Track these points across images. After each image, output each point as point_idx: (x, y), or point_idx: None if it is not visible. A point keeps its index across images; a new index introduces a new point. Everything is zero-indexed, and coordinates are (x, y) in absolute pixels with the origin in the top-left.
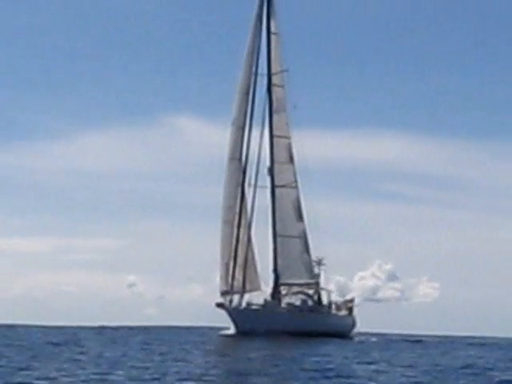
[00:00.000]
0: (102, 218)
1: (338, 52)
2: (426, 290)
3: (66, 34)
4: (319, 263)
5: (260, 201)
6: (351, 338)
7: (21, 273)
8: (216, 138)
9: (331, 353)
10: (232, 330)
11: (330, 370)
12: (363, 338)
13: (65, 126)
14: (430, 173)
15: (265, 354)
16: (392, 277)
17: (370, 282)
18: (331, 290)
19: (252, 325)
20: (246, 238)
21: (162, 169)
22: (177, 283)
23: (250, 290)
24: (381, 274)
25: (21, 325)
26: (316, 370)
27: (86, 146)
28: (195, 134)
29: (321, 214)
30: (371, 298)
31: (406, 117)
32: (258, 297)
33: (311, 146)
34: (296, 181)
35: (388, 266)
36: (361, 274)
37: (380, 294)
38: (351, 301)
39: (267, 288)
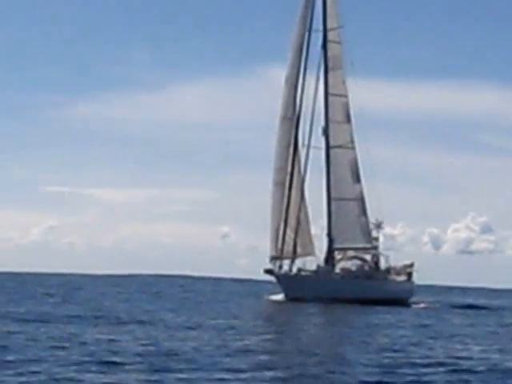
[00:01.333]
0: (195, 169)
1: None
2: None
3: None
4: (378, 226)
5: (314, 162)
6: (409, 305)
7: (114, 224)
8: None
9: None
10: (281, 297)
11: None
12: (422, 305)
13: (158, 78)
14: None
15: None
16: (486, 229)
17: (464, 234)
18: (388, 255)
19: (302, 291)
20: (298, 201)
21: (255, 120)
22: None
23: (303, 255)
24: (475, 226)
25: (118, 274)
26: None
27: (178, 96)
28: None
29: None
30: (464, 250)
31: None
32: (312, 262)
33: (376, 98)
34: (353, 141)
35: (482, 219)
36: (455, 225)
37: (473, 247)
38: (411, 265)
39: (321, 253)
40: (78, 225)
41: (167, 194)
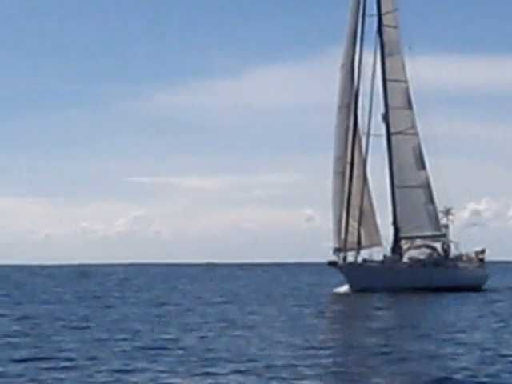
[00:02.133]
0: (274, 153)
1: None
2: None
3: None
4: (447, 213)
5: (377, 150)
6: (483, 291)
7: (198, 212)
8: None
9: None
10: (345, 288)
11: None
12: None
13: (233, 64)
14: None
15: None
16: None
17: None
18: (458, 241)
19: (368, 282)
20: (360, 190)
21: (329, 102)
22: None
23: (370, 246)
24: None
25: (201, 264)
26: None
27: (255, 82)
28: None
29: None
30: None
31: None
32: (379, 253)
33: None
34: (415, 127)
35: None
36: None
37: None
38: (482, 252)
39: (388, 244)
40: (163, 214)
41: (251, 179)
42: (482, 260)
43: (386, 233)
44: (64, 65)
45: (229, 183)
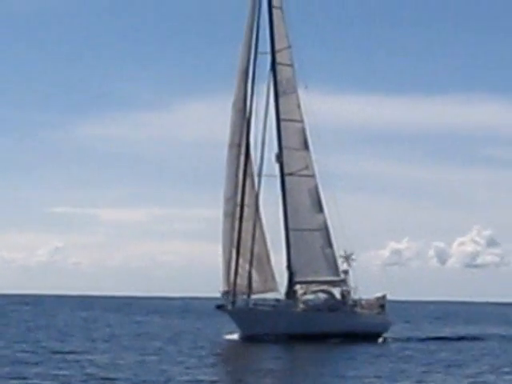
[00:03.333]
0: (200, 187)
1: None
2: None
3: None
4: (347, 258)
5: (271, 191)
6: (383, 341)
7: (121, 243)
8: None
9: None
10: (236, 335)
11: None
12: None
13: (162, 96)
14: None
15: None
16: (491, 242)
17: (470, 248)
18: (357, 287)
19: (259, 328)
20: (251, 233)
21: None
22: None
23: (264, 291)
24: (480, 239)
25: (124, 296)
26: None
27: (184, 115)
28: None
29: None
30: (470, 263)
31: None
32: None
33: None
34: (313, 168)
35: (487, 232)
36: (460, 239)
37: (479, 260)
38: (383, 297)
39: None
40: (83, 245)
41: (172, 213)
42: (382, 306)
43: (282, 277)
44: None
45: (151, 215)
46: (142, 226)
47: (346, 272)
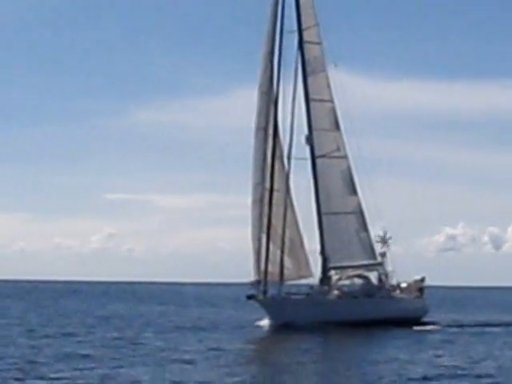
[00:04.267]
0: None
1: None
2: None
3: None
4: (384, 241)
5: (300, 175)
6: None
7: (175, 230)
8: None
9: None
10: (266, 322)
11: None
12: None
13: (218, 82)
14: None
15: None
16: None
17: None
18: (393, 270)
19: (291, 316)
20: (282, 218)
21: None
22: None
23: (298, 277)
24: None
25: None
26: None
27: (241, 101)
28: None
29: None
30: None
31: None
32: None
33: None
34: (345, 149)
35: None
36: None
37: None
38: (422, 280)
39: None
40: (137, 232)
41: (228, 199)
42: (421, 290)
43: (316, 263)
44: (44, 80)
45: (207, 202)
46: (196, 213)
47: (383, 254)
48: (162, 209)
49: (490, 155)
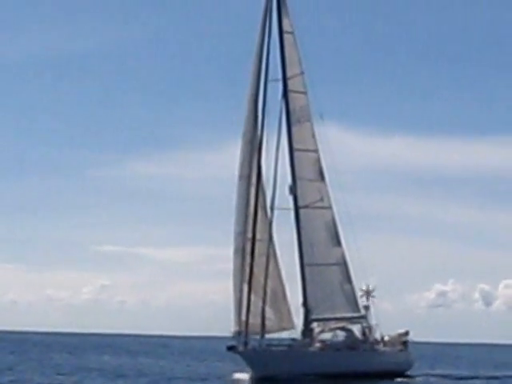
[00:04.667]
0: None
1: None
2: None
3: None
4: (368, 294)
5: (283, 225)
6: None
7: (166, 283)
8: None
9: None
10: (246, 376)
11: None
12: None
13: (210, 136)
14: None
15: None
16: None
17: None
18: (377, 323)
19: (273, 369)
20: (265, 269)
21: None
22: None
23: (280, 329)
24: None
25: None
26: None
27: (234, 154)
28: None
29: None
30: None
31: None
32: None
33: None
34: (329, 200)
35: None
36: (505, 281)
37: None
38: (406, 334)
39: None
40: (130, 284)
41: (221, 252)
42: (405, 343)
43: (298, 315)
44: (37, 129)
45: (197, 255)
46: (187, 266)
47: (366, 308)
48: (152, 261)
49: (481, 212)
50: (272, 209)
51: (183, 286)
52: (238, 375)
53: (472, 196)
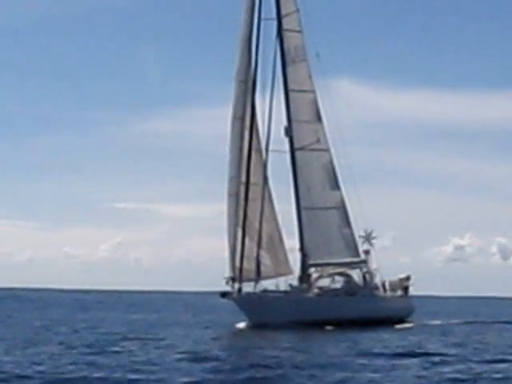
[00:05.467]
0: None
1: None
2: None
3: None
4: (368, 238)
5: (279, 168)
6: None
7: (182, 239)
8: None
9: None
10: (243, 323)
11: None
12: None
13: (222, 93)
14: None
15: None
16: None
17: None
18: (377, 268)
19: (269, 316)
20: (259, 213)
21: None
22: None
23: (277, 275)
24: None
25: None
26: None
27: None
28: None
29: None
30: None
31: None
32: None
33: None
34: (326, 142)
35: None
36: None
37: None
38: (407, 279)
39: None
40: (145, 240)
41: None
42: (406, 288)
43: (295, 260)
44: (48, 87)
45: (213, 211)
46: (203, 222)
47: (367, 252)
48: (168, 218)
49: (497, 166)
50: (267, 151)
51: (197, 241)
52: (241, 324)
53: (489, 150)
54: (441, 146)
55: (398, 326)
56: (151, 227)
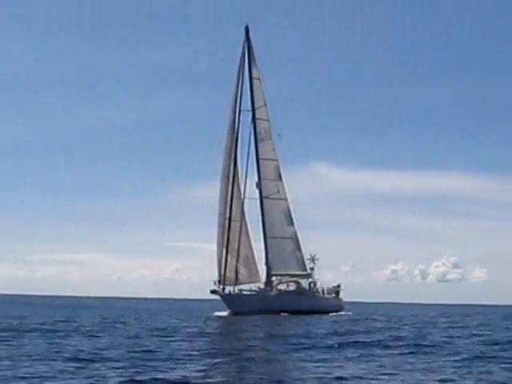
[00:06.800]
0: None
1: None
2: (478, 274)
3: None
4: (313, 259)
5: (253, 209)
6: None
7: (211, 264)
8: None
9: None
10: (225, 312)
11: None
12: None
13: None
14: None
15: None
16: (455, 265)
17: (441, 269)
18: (318, 279)
19: (245, 307)
20: (237, 239)
21: None
22: None
23: (251, 282)
24: (448, 263)
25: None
26: None
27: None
28: None
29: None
30: (442, 279)
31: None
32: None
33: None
34: (284, 193)
35: (453, 258)
36: (435, 263)
37: (448, 276)
38: (338, 286)
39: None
40: (194, 267)
41: None
42: (337, 292)
43: (262, 272)
44: None
45: None
46: None
47: (311, 269)
48: (207, 252)
49: (416, 219)
50: (244, 198)
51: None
52: (218, 313)
53: (415, 210)
54: (380, 206)
55: (331, 315)
56: (196, 258)
